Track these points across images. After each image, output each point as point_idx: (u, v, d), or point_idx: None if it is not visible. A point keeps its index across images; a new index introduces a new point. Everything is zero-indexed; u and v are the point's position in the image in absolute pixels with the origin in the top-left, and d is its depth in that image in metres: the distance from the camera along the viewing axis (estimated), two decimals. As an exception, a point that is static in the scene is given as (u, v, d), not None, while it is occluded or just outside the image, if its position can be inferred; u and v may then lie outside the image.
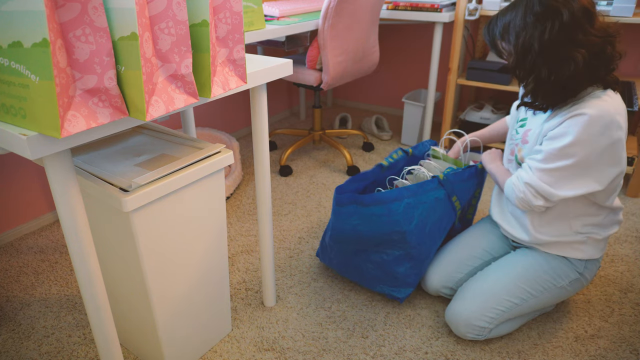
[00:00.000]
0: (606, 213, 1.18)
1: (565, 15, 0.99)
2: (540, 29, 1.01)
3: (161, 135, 1.13)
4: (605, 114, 1.00)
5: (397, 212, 1.26)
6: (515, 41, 1.06)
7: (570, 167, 1.05)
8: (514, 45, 1.07)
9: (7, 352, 1.24)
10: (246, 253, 1.65)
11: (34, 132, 0.64)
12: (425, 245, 1.32)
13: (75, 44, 0.62)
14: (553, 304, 1.29)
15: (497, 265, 1.27)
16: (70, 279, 1.52)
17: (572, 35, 1.00)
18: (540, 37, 1.01)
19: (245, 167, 2.34)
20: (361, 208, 1.29)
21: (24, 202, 1.76)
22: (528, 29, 1.03)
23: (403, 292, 1.36)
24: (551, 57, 1.02)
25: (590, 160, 1.03)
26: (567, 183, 1.07)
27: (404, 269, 1.33)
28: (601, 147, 1.02)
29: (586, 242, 1.19)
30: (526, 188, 1.12)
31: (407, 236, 1.27)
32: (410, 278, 1.34)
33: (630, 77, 2.28)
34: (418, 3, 2.16)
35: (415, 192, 1.28)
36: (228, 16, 0.80)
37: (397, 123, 2.97)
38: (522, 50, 1.05)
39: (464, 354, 1.23)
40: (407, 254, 1.31)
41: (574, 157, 1.04)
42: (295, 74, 2.07)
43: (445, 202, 1.35)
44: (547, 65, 1.03)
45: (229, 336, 1.29)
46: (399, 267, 1.33)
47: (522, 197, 1.13)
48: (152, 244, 0.94)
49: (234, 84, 0.86)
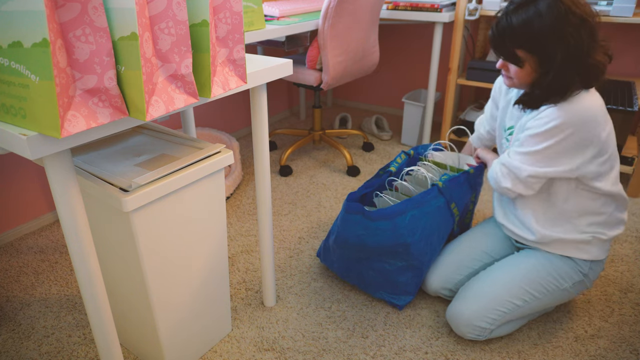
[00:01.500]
0: (610, 211, 1.17)
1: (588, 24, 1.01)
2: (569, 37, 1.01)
3: (161, 135, 1.13)
4: (583, 110, 1.03)
5: (402, 225, 1.27)
6: (543, 49, 1.03)
7: (544, 150, 1.08)
8: (540, 51, 1.04)
9: (7, 352, 1.24)
10: (246, 253, 1.65)
11: (34, 132, 0.64)
12: (426, 255, 1.33)
13: (75, 44, 0.62)
14: (555, 305, 1.29)
15: (500, 266, 1.26)
16: (70, 279, 1.52)
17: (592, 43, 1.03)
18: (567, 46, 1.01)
19: (245, 167, 2.34)
20: (367, 221, 1.29)
21: (24, 202, 1.76)
22: (557, 37, 1.01)
23: (403, 299, 1.37)
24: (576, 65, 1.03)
25: (563, 147, 1.06)
26: (538, 162, 1.10)
27: (405, 279, 1.34)
28: (577, 138, 1.05)
29: (591, 242, 1.19)
30: (499, 168, 1.17)
31: (410, 248, 1.28)
32: (410, 287, 1.35)
33: (630, 77, 2.28)
34: (418, 3, 2.16)
35: (418, 203, 1.29)
36: (228, 16, 0.80)
37: (397, 123, 2.97)
38: (548, 58, 1.04)
39: (464, 354, 1.22)
40: (409, 265, 1.32)
41: (549, 141, 1.07)
42: (295, 74, 2.07)
43: (445, 210, 1.36)
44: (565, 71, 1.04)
45: (229, 336, 1.29)
46: (400, 277, 1.33)
47: (493, 177, 1.20)
48: (152, 244, 0.94)
49: (234, 84, 0.86)
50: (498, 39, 1.07)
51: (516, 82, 1.13)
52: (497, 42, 1.08)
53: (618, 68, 2.32)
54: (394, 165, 1.56)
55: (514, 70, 1.11)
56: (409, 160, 1.62)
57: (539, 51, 1.03)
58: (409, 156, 1.62)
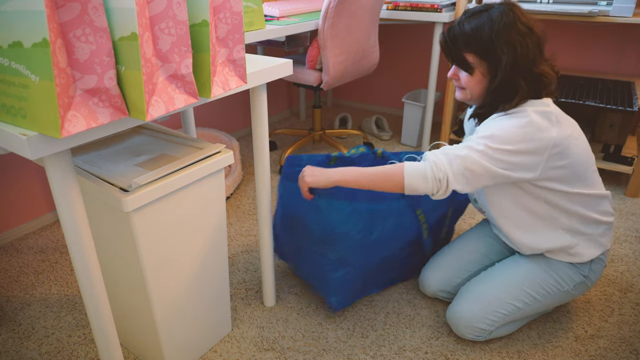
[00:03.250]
0: (579, 210, 1.14)
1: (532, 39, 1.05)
2: (515, 46, 1.04)
3: (161, 135, 1.13)
4: (533, 119, 1.03)
5: (339, 210, 1.18)
6: (492, 54, 1.06)
7: (480, 144, 1.05)
8: (490, 55, 1.06)
9: (7, 352, 1.24)
10: (246, 253, 1.65)
11: (34, 132, 0.64)
12: (363, 255, 1.25)
13: (75, 44, 0.62)
14: (556, 305, 1.29)
15: (501, 267, 1.26)
16: (70, 279, 1.52)
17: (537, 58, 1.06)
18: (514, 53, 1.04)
19: (245, 167, 2.34)
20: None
21: (24, 202, 1.76)
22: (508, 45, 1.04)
23: (335, 300, 1.28)
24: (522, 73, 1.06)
25: (505, 150, 1.03)
26: (472, 158, 1.05)
27: (339, 275, 1.25)
28: (521, 146, 1.03)
29: (579, 245, 1.17)
30: (442, 157, 1.07)
31: (341, 238, 1.20)
32: (344, 288, 1.27)
33: (630, 77, 2.28)
34: (418, 3, 2.16)
35: (372, 199, 1.22)
36: (228, 16, 0.80)
37: (397, 123, 2.97)
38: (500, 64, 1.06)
39: (464, 354, 1.23)
40: (342, 260, 1.23)
41: (490, 142, 1.04)
42: (295, 74, 2.07)
43: (407, 214, 1.28)
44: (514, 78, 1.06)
45: (229, 336, 1.29)
46: (333, 272, 1.25)
47: (432, 167, 1.08)
48: (152, 244, 0.94)
49: (234, 84, 0.86)
50: (450, 44, 1.10)
51: (468, 93, 1.14)
52: (449, 47, 1.11)
53: (618, 68, 2.32)
54: (347, 154, 1.47)
55: (464, 79, 1.12)
56: (374, 160, 1.52)
57: (488, 55, 1.06)
58: (375, 154, 1.52)
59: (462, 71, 1.13)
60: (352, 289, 1.30)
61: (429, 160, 1.08)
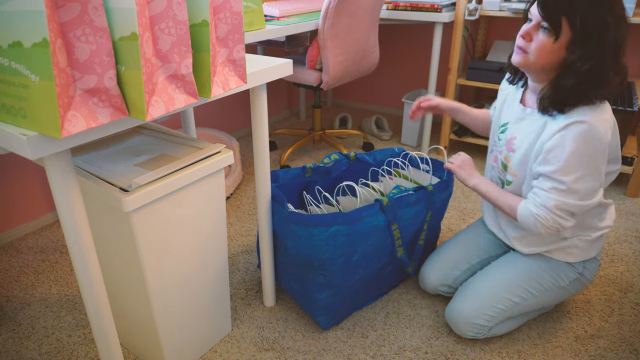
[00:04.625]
0: (587, 216, 1.15)
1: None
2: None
3: (161, 135, 1.13)
4: (600, 121, 1.00)
5: (320, 237, 1.14)
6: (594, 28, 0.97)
7: (583, 174, 1.02)
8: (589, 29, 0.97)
9: (7, 352, 1.24)
10: (246, 253, 1.65)
11: (34, 132, 0.64)
12: (348, 274, 1.23)
13: (75, 44, 0.62)
14: (554, 303, 1.29)
15: (498, 264, 1.27)
16: (70, 279, 1.52)
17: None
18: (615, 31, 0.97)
19: (245, 167, 2.34)
20: (288, 220, 1.18)
21: (24, 202, 1.76)
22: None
23: (323, 320, 1.27)
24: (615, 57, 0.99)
25: (592, 162, 1.01)
26: (588, 188, 1.04)
27: (325, 296, 1.23)
28: (598, 151, 1.01)
29: (577, 246, 1.18)
30: (556, 216, 1.05)
31: (327, 264, 1.17)
32: (331, 308, 1.26)
33: (630, 77, 2.28)
34: (418, 3, 2.16)
35: (350, 219, 1.15)
36: (228, 16, 0.80)
37: (397, 123, 2.97)
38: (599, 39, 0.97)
39: (464, 353, 1.23)
40: (328, 283, 1.21)
41: (581, 163, 1.01)
42: (295, 74, 2.07)
43: (382, 230, 1.23)
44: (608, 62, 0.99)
45: (229, 336, 1.29)
46: (319, 294, 1.23)
47: (553, 226, 1.06)
48: (152, 244, 0.94)
49: (234, 84, 0.86)
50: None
51: (531, 58, 1.03)
52: (551, 2, 0.98)
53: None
54: (323, 163, 1.46)
55: (538, 42, 1.01)
56: (349, 165, 1.50)
57: (583, 25, 0.96)
58: (348, 159, 1.50)
59: (540, 33, 1.01)
60: (340, 309, 1.28)
61: (535, 217, 1.07)
